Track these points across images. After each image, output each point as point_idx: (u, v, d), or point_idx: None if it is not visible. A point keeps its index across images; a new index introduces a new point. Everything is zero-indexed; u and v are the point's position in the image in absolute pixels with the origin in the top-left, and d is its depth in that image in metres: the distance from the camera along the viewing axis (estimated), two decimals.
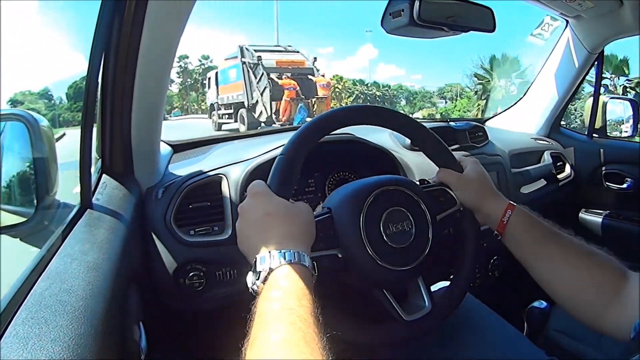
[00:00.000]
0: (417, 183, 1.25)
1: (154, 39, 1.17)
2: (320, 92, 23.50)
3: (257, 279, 0.82)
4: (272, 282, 0.81)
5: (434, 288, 1.21)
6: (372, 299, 1.13)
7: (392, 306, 1.10)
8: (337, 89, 39.75)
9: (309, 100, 22.89)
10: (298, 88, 22.45)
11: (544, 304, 1.83)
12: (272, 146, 1.62)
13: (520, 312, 1.85)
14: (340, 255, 1.05)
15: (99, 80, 1.17)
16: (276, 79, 22.63)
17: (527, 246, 1.12)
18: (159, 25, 1.16)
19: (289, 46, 27.10)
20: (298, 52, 26.60)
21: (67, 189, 1.18)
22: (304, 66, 25.22)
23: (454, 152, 1.27)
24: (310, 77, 24.13)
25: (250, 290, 0.84)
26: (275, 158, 1.04)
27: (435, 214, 1.16)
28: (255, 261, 0.85)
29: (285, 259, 0.83)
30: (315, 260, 0.93)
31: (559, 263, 1.06)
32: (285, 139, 1.08)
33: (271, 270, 0.82)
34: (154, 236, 1.39)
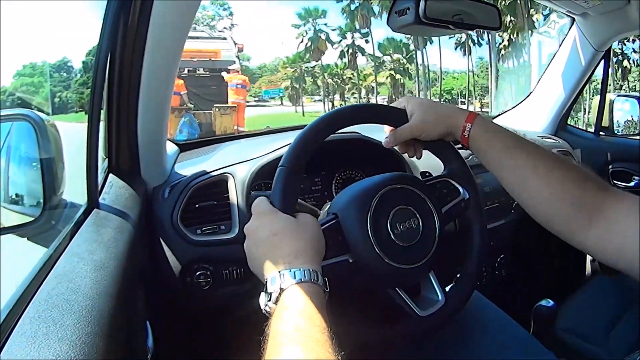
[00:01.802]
0: (420, 178, 1.24)
1: (159, 38, 1.18)
2: (232, 97, 15.28)
3: (269, 300, 0.82)
4: (284, 302, 0.80)
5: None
6: (385, 297, 1.13)
7: (406, 303, 1.10)
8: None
9: (212, 110, 15.00)
10: (185, 92, 13.89)
11: (551, 302, 1.82)
12: (278, 145, 1.62)
13: (527, 311, 1.85)
14: (351, 260, 1.05)
15: (106, 79, 1.18)
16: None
17: (493, 157, 1.10)
18: (164, 24, 1.16)
19: (220, 31, 21.55)
20: (225, 38, 19.72)
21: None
22: (218, 58, 17.59)
23: (460, 151, 1.26)
24: (225, 74, 16.25)
25: (263, 311, 0.83)
26: (282, 157, 1.03)
27: (440, 206, 1.16)
28: (266, 282, 0.84)
29: (295, 278, 0.82)
30: (327, 269, 0.93)
31: (526, 174, 1.04)
32: (292, 137, 1.07)
33: (282, 290, 0.81)
34: (161, 235, 1.40)
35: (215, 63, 17.13)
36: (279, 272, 0.83)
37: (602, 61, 2.54)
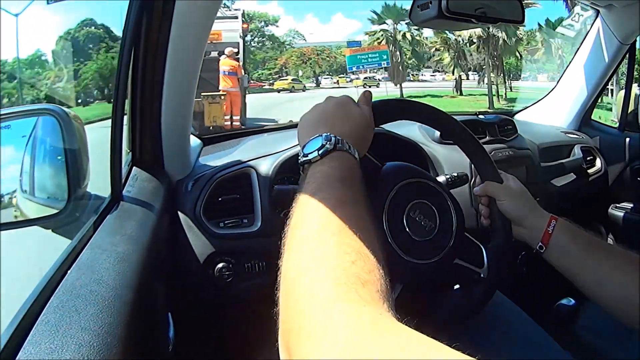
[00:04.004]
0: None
1: (182, 34, 1.19)
2: (222, 84, 13.72)
3: (319, 149, 0.85)
4: (333, 157, 0.85)
5: None
6: None
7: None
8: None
9: (202, 99, 13.04)
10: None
11: (572, 301, 1.80)
12: None
13: (548, 309, 1.83)
14: None
15: (129, 74, 1.19)
16: None
17: (574, 256, 1.11)
18: (187, 21, 1.17)
19: (235, 9, 17.95)
20: (236, 17, 17.54)
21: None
22: (219, 40, 15.31)
23: (484, 146, 1.26)
24: (223, 58, 14.12)
25: (301, 160, 0.88)
26: None
27: (457, 255, 1.15)
28: (321, 136, 0.88)
29: (349, 149, 0.87)
30: None
31: (607, 270, 1.06)
32: None
33: (335, 149, 0.86)
34: (184, 228, 1.41)
35: (217, 46, 15.02)
36: (340, 138, 0.87)
37: (627, 54, 2.50)
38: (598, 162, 2.57)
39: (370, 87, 18.37)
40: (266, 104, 20.02)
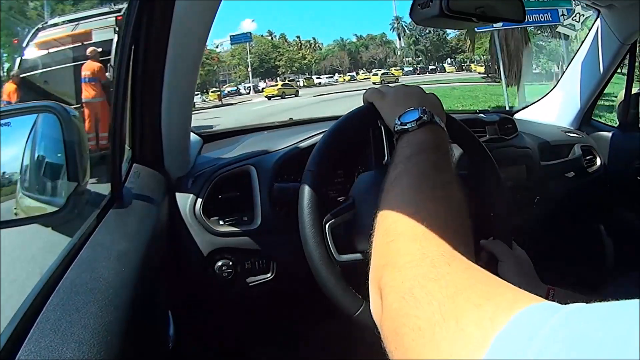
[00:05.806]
0: None
1: (183, 31, 1.18)
2: (83, 95, 9.33)
3: (416, 120, 0.92)
4: (428, 129, 0.92)
5: None
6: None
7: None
8: None
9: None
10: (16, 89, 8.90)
11: None
12: (302, 137, 1.63)
13: None
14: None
15: (129, 72, 1.19)
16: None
17: None
18: (187, 18, 1.17)
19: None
20: (119, 10, 11.19)
21: None
22: (90, 40, 10.80)
23: (485, 144, 1.29)
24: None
25: (399, 127, 0.94)
26: (305, 149, 1.05)
27: None
28: (417, 109, 0.95)
29: (442, 126, 0.95)
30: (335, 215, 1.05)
31: None
32: (317, 129, 1.07)
33: (431, 122, 0.93)
34: (183, 226, 1.41)
35: (84, 48, 10.42)
36: (432, 113, 0.94)
37: (628, 54, 2.49)
38: (598, 161, 2.57)
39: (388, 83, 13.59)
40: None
